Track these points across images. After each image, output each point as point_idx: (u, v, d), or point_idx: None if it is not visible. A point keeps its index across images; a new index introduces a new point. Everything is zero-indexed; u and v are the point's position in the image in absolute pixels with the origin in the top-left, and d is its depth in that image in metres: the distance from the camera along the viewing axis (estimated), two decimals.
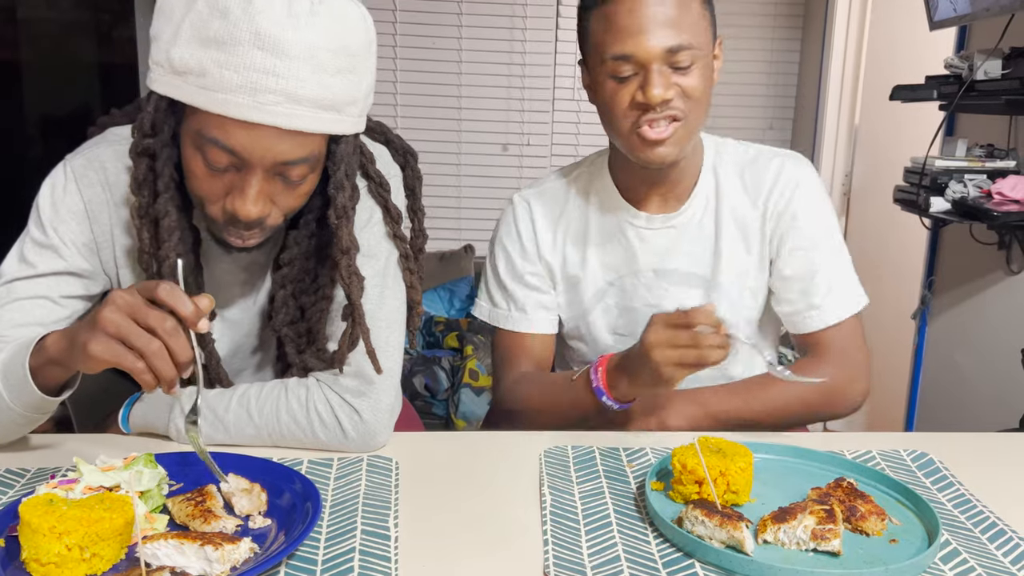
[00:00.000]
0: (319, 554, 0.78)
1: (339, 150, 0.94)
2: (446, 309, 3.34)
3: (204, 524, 0.80)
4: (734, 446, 0.93)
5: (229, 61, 0.82)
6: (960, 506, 0.92)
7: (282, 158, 0.88)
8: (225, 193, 0.90)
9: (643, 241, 1.24)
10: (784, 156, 1.25)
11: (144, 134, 0.91)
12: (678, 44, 1.07)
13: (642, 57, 1.07)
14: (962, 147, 2.17)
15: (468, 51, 3.43)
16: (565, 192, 1.30)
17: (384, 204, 1.04)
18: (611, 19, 1.08)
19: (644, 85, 1.08)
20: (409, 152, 1.10)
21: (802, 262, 1.22)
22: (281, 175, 0.90)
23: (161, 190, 0.92)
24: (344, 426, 1.00)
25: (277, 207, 0.93)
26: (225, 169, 0.89)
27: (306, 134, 0.87)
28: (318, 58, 0.84)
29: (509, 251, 1.29)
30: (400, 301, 1.07)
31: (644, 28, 1.06)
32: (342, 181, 0.95)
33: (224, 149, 0.86)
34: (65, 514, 0.72)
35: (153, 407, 1.04)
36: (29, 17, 3.93)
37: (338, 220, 0.96)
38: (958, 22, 2.12)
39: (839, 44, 3.23)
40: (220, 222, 0.93)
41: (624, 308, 1.26)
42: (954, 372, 2.47)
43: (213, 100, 0.84)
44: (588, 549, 0.81)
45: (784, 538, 0.82)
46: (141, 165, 0.92)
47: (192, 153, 0.89)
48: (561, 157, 3.54)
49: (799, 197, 1.22)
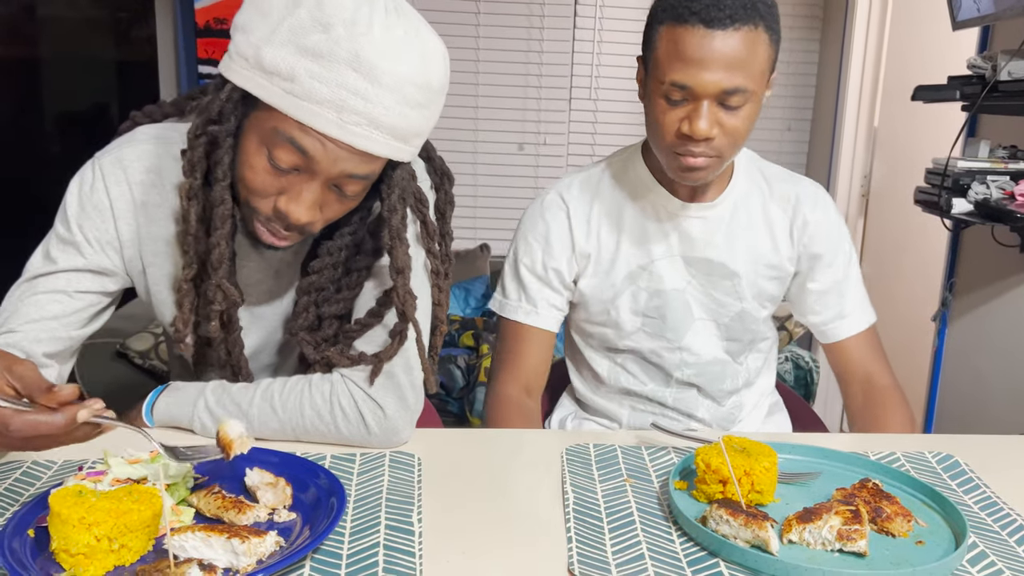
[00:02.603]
0: (344, 548, 0.79)
1: (396, 175, 0.96)
2: (461, 308, 3.34)
3: (239, 515, 0.81)
4: (758, 446, 0.92)
5: (322, 75, 0.83)
6: (986, 508, 0.91)
7: (346, 172, 0.89)
8: (279, 192, 0.91)
9: (676, 226, 1.27)
10: (809, 182, 1.34)
11: (210, 119, 0.91)
12: (734, 87, 1.08)
13: (697, 91, 1.09)
14: (985, 148, 2.15)
15: (485, 50, 3.43)
16: (598, 178, 1.32)
17: (423, 219, 1.04)
18: (678, 43, 1.08)
19: (692, 117, 1.10)
20: (447, 175, 1.10)
21: (832, 277, 1.31)
22: (338, 187, 0.92)
23: (220, 178, 0.93)
24: (367, 422, 1.00)
25: (323, 217, 0.94)
26: (287, 170, 0.89)
27: (374, 157, 0.89)
28: (404, 91, 0.86)
29: (532, 246, 1.31)
30: (426, 300, 1.07)
31: (706, 64, 1.07)
32: (395, 204, 0.97)
33: (298, 150, 0.87)
34: (94, 505, 0.72)
35: (177, 400, 1.04)
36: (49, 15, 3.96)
37: (391, 242, 0.97)
38: (981, 22, 2.10)
39: (859, 45, 3.21)
40: (263, 215, 0.94)
41: (654, 292, 1.28)
42: (974, 375, 2.45)
43: (299, 108, 0.85)
44: (612, 547, 0.81)
45: (809, 538, 0.81)
46: (198, 148, 0.93)
47: (257, 147, 0.90)
48: (577, 156, 3.54)
49: (827, 219, 1.31)
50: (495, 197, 3.54)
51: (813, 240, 1.30)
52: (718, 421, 1.34)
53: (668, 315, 1.29)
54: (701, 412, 1.34)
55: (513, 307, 1.32)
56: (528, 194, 3.50)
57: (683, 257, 1.27)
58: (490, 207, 3.55)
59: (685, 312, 1.29)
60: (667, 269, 1.28)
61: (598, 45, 3.44)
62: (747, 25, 1.06)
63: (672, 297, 1.28)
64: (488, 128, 3.50)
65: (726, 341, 1.31)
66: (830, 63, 3.40)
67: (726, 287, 1.28)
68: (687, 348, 1.30)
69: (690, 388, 1.33)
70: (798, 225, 1.29)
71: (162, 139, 1.03)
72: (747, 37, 1.06)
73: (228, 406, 1.02)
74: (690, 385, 1.33)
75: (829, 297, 1.32)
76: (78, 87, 4.05)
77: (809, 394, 3.00)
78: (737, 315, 1.29)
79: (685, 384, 1.33)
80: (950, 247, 2.56)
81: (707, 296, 1.28)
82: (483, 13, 3.40)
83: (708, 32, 1.06)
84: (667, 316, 1.29)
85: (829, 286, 1.31)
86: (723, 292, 1.28)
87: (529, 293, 1.31)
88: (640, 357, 1.32)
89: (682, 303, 1.28)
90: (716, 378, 1.32)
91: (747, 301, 1.29)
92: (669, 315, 1.29)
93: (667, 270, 1.28)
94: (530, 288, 1.31)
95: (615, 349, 1.33)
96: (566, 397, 1.47)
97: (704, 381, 1.32)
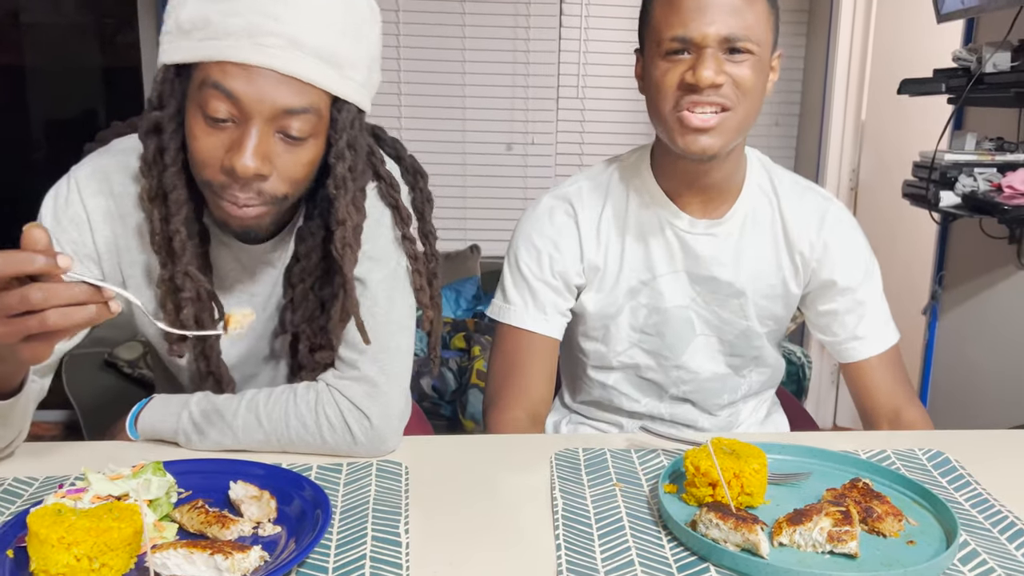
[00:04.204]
0: (330, 562, 0.78)
1: (341, 117, 0.93)
2: (452, 310, 3.33)
3: (223, 530, 0.80)
4: (747, 447, 0.92)
5: (232, 8, 0.85)
6: (978, 506, 0.91)
7: (281, 104, 0.87)
8: (225, 152, 0.89)
9: (683, 243, 1.21)
10: (826, 195, 1.27)
11: (152, 108, 0.91)
12: (735, 34, 1.05)
13: (698, 40, 1.05)
14: (971, 141, 2.16)
15: (472, 51, 3.42)
16: (606, 187, 1.25)
17: (394, 204, 1.03)
18: (675, 3, 1.07)
19: (696, 66, 1.05)
20: (419, 172, 1.09)
21: (851, 299, 1.24)
22: (282, 132, 0.89)
23: (169, 163, 0.92)
24: (353, 431, 0.99)
25: (276, 171, 0.90)
26: (224, 122, 0.88)
27: (305, 84, 0.88)
28: (321, 10, 0.87)
29: (539, 249, 1.22)
30: (410, 306, 1.06)
31: (705, 13, 1.05)
32: (343, 151, 0.94)
33: (223, 93, 0.86)
34: (74, 524, 0.71)
35: (162, 413, 1.03)
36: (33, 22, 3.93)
37: (336, 190, 0.94)
38: (965, 15, 2.10)
39: (845, 38, 3.21)
40: (216, 185, 0.91)
41: (653, 308, 1.23)
42: (965, 367, 2.45)
43: (215, 48, 0.85)
44: (601, 553, 0.80)
45: (800, 540, 0.81)
46: (151, 145, 0.93)
47: (194, 114, 0.89)
48: (566, 155, 3.53)
49: (842, 239, 1.24)
50: (484, 198, 3.53)
51: (823, 265, 1.23)
52: (716, 429, 1.32)
53: (667, 332, 1.24)
54: (700, 423, 1.31)
55: (519, 314, 1.23)
56: (517, 194, 3.49)
57: (688, 273, 1.22)
58: (479, 207, 3.53)
59: (686, 329, 1.24)
60: (669, 286, 1.22)
61: (584, 44, 3.44)
62: None
63: (673, 315, 1.23)
64: (476, 129, 3.49)
65: (729, 356, 1.27)
66: (817, 57, 3.40)
67: (732, 306, 1.23)
68: (684, 366, 1.26)
69: (684, 403, 1.30)
70: (807, 249, 1.23)
71: (137, 149, 1.02)
72: None
73: (213, 417, 1.01)
74: (684, 400, 1.30)
75: (847, 318, 1.25)
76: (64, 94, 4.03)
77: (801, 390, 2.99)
78: (742, 332, 1.25)
79: (679, 399, 1.29)
80: (939, 240, 2.56)
81: (712, 314, 1.24)
82: (468, 13, 3.39)
83: None
84: (665, 334, 1.24)
85: (846, 308, 1.24)
86: (729, 311, 1.23)
87: (538, 298, 1.22)
88: (633, 374, 1.28)
89: (684, 320, 1.24)
90: (713, 393, 1.29)
91: (752, 320, 1.24)
92: (668, 332, 1.24)
93: (669, 287, 1.22)
94: (538, 293, 1.22)
95: (607, 367, 1.28)
96: (559, 402, 1.44)
97: (700, 397, 1.29)
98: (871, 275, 1.26)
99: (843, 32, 3.20)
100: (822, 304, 1.26)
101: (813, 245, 1.23)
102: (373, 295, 1.02)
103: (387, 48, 3.37)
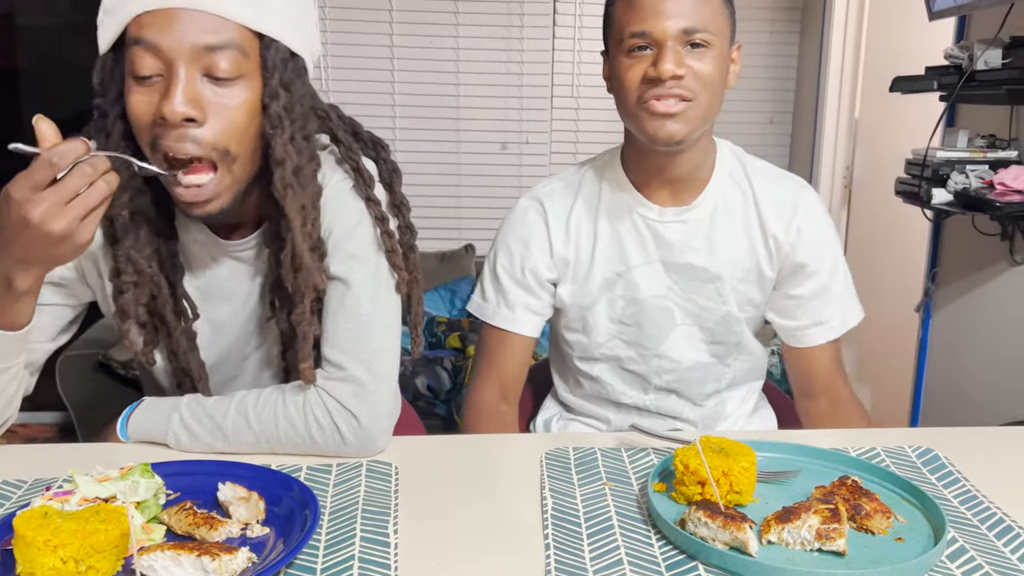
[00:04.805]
0: (318, 562, 0.78)
1: (270, 55, 0.92)
2: (447, 309, 3.33)
3: (211, 531, 0.80)
4: (736, 445, 0.92)
5: None
6: (966, 503, 0.91)
7: (200, 42, 0.87)
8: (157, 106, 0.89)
9: (654, 233, 1.25)
10: (800, 183, 1.29)
11: (95, 96, 0.93)
12: (693, 26, 1.10)
13: (658, 35, 1.10)
14: (963, 138, 2.16)
15: (465, 50, 3.42)
16: (577, 185, 1.30)
17: (355, 167, 1.03)
18: (634, 1, 1.12)
19: (657, 61, 1.11)
20: (378, 143, 1.08)
21: (816, 284, 1.26)
22: (208, 75, 0.89)
23: (112, 148, 0.92)
24: (342, 432, 0.99)
25: (210, 117, 0.89)
26: (152, 78, 0.88)
27: (221, 19, 0.88)
28: None
29: (512, 249, 1.29)
30: (395, 305, 1.06)
31: (663, 9, 1.10)
32: (276, 90, 0.93)
33: (144, 47, 0.87)
34: (60, 527, 0.71)
35: (152, 416, 1.03)
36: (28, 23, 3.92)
37: (273, 130, 0.93)
38: (957, 12, 2.10)
39: (838, 37, 3.21)
40: (161, 148, 0.90)
41: (631, 299, 1.26)
42: (959, 364, 2.46)
43: (130, 8, 0.87)
44: (590, 552, 0.80)
45: (788, 538, 0.81)
46: (100, 133, 0.94)
47: (128, 85, 0.90)
48: (560, 154, 3.53)
49: (815, 225, 1.26)
50: (479, 197, 3.53)
51: (796, 249, 1.25)
52: (702, 421, 1.34)
53: (645, 323, 1.27)
54: (685, 414, 1.33)
55: (492, 311, 1.31)
56: (512, 194, 3.49)
57: (663, 263, 1.25)
58: (474, 207, 3.54)
59: (665, 319, 1.27)
60: (644, 276, 1.26)
61: (578, 43, 3.44)
62: None
63: (650, 305, 1.26)
64: (470, 128, 3.49)
65: (712, 344, 1.29)
66: (810, 56, 3.41)
67: (709, 291, 1.26)
68: (665, 355, 1.28)
69: (669, 394, 1.32)
70: (782, 233, 1.25)
71: None
72: None
73: (203, 420, 1.01)
74: (669, 391, 1.31)
75: (812, 304, 1.27)
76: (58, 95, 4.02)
77: None
78: (722, 318, 1.27)
79: (664, 390, 1.31)
80: (932, 237, 2.57)
81: (690, 301, 1.26)
82: (462, 12, 3.38)
83: None
84: (644, 324, 1.27)
85: (812, 293, 1.26)
86: (706, 297, 1.26)
87: (507, 297, 1.29)
88: (616, 365, 1.31)
89: (662, 310, 1.26)
90: (697, 382, 1.31)
91: (731, 305, 1.26)
92: (646, 323, 1.27)
93: (644, 277, 1.26)
94: (508, 292, 1.29)
95: (591, 358, 1.32)
96: (551, 399, 1.46)
97: (683, 387, 1.31)
98: (837, 262, 1.29)
99: (836, 30, 3.20)
100: (792, 288, 1.28)
101: (788, 229, 1.25)
102: (356, 295, 1.02)
103: (381, 48, 3.38)
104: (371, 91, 3.40)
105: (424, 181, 3.44)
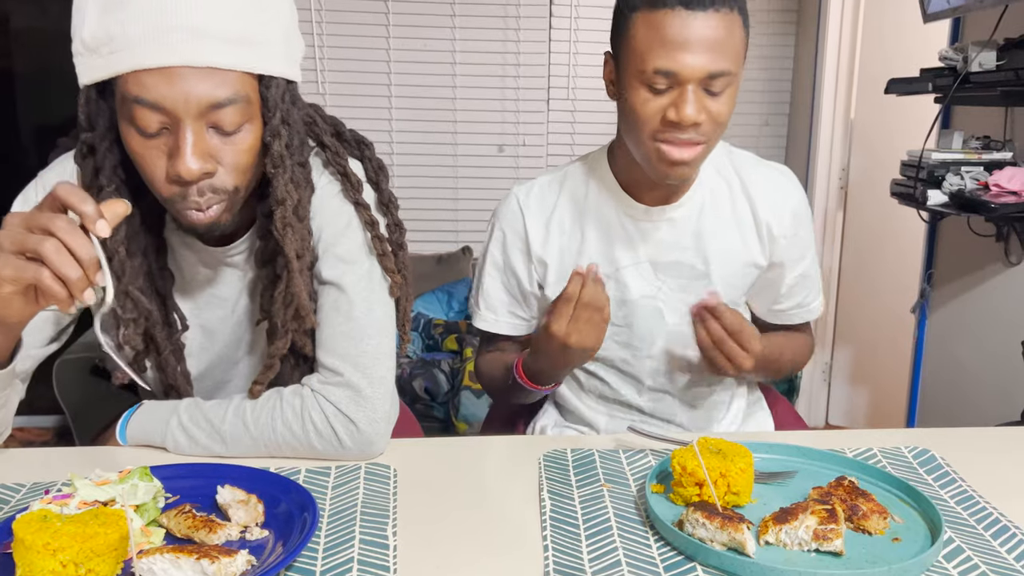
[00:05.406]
0: (317, 565, 0.78)
1: (271, 95, 0.92)
2: (444, 312, 3.33)
3: (210, 534, 0.80)
4: (734, 447, 0.92)
5: (129, 15, 0.83)
6: (963, 503, 0.91)
7: (206, 99, 0.86)
8: (168, 161, 0.88)
9: (642, 233, 1.25)
10: (783, 171, 1.31)
11: (82, 130, 0.91)
12: (719, 70, 1.05)
13: (683, 76, 1.05)
14: (958, 139, 2.17)
15: (462, 52, 3.42)
16: (559, 185, 1.29)
17: (343, 172, 1.03)
18: (659, 29, 1.05)
19: (679, 104, 1.06)
20: (363, 143, 1.08)
21: (803, 267, 1.31)
22: (215, 127, 0.88)
23: (104, 184, 0.91)
24: (340, 436, 0.99)
25: (222, 165, 0.90)
26: (158, 133, 0.87)
27: (223, 72, 0.86)
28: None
29: (493, 252, 1.31)
30: (388, 308, 1.06)
31: (691, 47, 1.04)
32: (277, 128, 0.92)
33: (147, 106, 0.85)
34: (59, 530, 0.71)
35: (151, 419, 1.03)
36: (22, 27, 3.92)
37: (275, 169, 0.93)
38: (952, 14, 2.11)
39: (833, 38, 3.22)
40: (171, 199, 0.90)
41: (621, 301, 1.26)
42: (955, 365, 2.46)
43: (125, 60, 0.84)
44: (588, 554, 0.81)
45: (786, 539, 0.81)
46: (87, 168, 0.92)
47: (127, 130, 0.88)
48: (557, 157, 3.53)
49: (799, 214, 1.28)
50: (476, 199, 3.53)
51: (789, 234, 1.27)
52: (697, 424, 1.34)
53: (635, 323, 1.27)
54: (679, 417, 1.33)
55: (480, 314, 1.33)
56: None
57: (651, 263, 1.25)
58: (471, 209, 3.53)
59: (655, 320, 1.26)
60: (633, 277, 1.25)
61: (574, 45, 3.44)
62: (725, 7, 1.05)
63: (640, 305, 1.26)
64: (467, 131, 3.49)
65: None
66: (805, 57, 3.41)
67: (699, 289, 1.25)
68: (657, 356, 1.28)
69: (664, 395, 1.32)
70: (775, 219, 1.25)
71: None
72: (726, 19, 1.05)
73: (201, 423, 1.01)
74: (663, 392, 1.31)
75: (797, 288, 1.31)
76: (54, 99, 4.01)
77: (792, 389, 3.01)
78: None
79: (658, 391, 1.31)
80: (927, 238, 2.58)
81: (680, 302, 1.26)
82: (458, 15, 3.39)
83: (690, 14, 1.04)
84: (634, 324, 1.27)
85: (799, 278, 1.31)
86: (696, 296, 1.25)
87: (489, 300, 1.31)
88: (612, 366, 1.31)
89: (652, 310, 1.26)
90: (691, 384, 1.31)
91: (721, 300, 1.27)
92: (636, 324, 1.27)
93: (633, 278, 1.25)
94: (491, 296, 1.31)
95: None
96: (548, 403, 1.45)
97: (677, 389, 1.31)
98: (812, 243, 1.33)
99: (831, 32, 3.21)
100: (789, 273, 1.30)
101: (781, 218, 1.26)
102: (350, 298, 1.02)
103: (377, 51, 3.38)
104: (368, 94, 3.40)
105: (421, 183, 3.44)
